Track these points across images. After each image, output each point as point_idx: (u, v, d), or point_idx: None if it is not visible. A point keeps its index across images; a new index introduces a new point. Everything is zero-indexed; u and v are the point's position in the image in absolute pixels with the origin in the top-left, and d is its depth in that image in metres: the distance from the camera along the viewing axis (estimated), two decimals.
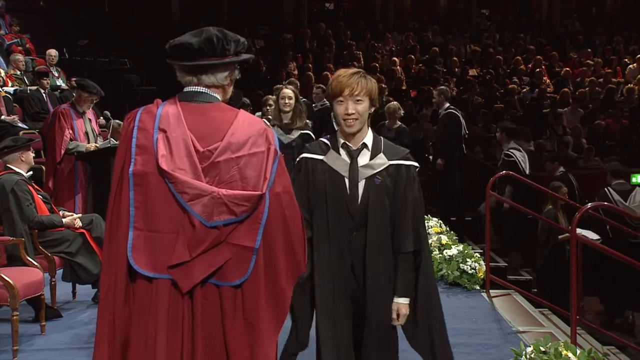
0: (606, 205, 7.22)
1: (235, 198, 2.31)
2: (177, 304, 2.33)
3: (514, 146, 8.78)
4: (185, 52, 2.42)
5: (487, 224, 6.36)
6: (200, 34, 2.43)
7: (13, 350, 4.43)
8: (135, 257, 2.32)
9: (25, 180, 5.32)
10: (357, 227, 2.90)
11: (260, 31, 17.37)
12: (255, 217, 2.34)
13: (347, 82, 2.84)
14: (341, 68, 3.24)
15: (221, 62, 2.45)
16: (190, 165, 2.33)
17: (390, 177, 2.91)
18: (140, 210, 2.33)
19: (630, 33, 18.62)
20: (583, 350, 4.17)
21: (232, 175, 2.34)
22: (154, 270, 2.32)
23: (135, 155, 2.36)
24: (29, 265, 4.91)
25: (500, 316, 5.54)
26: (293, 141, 6.05)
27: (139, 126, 2.39)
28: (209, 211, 2.29)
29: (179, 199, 2.31)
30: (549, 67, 16.35)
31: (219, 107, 2.46)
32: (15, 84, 10.00)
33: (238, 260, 2.32)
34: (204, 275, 2.30)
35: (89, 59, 13.14)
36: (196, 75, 2.46)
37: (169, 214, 2.32)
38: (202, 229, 2.29)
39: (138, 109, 2.48)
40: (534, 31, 19.10)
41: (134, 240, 2.32)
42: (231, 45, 2.46)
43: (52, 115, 7.27)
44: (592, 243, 5.57)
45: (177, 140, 2.35)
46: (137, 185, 2.34)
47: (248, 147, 2.37)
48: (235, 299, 2.34)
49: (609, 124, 12.78)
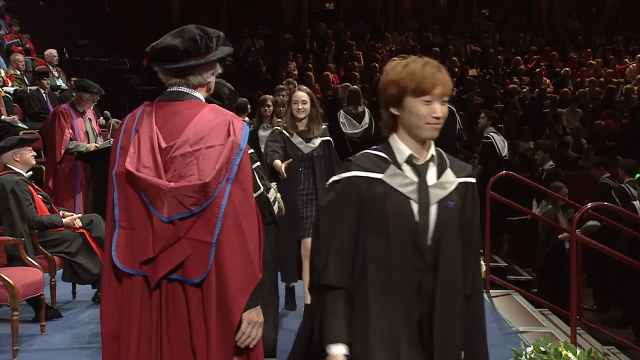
0: (606, 205, 7.21)
1: (184, 190, 2.31)
2: (150, 300, 2.37)
3: (493, 130, 9.20)
4: (171, 54, 2.41)
5: (487, 224, 6.35)
6: (182, 34, 2.42)
7: (13, 350, 4.43)
8: (118, 254, 2.38)
9: (25, 180, 5.32)
10: (429, 267, 2.16)
11: (260, 31, 17.36)
12: (212, 211, 2.31)
13: (439, 78, 2.16)
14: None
15: (207, 61, 2.45)
16: (154, 162, 2.36)
17: (461, 199, 2.24)
18: (122, 209, 2.39)
19: (630, 33, 18.61)
20: (583, 350, 4.18)
21: (190, 169, 2.33)
22: (132, 267, 2.37)
23: (118, 157, 2.42)
24: (29, 265, 4.91)
25: (500, 316, 5.54)
26: (314, 150, 5.15)
27: (124, 129, 2.46)
28: (165, 206, 2.32)
29: (143, 197, 2.35)
30: (549, 67, 16.35)
31: (191, 104, 2.44)
32: (15, 84, 9.99)
33: (198, 256, 2.32)
34: (166, 270, 2.33)
35: (89, 59, 13.14)
36: (184, 77, 2.45)
37: (140, 211, 2.37)
38: (160, 224, 2.32)
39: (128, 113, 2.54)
40: (534, 31, 19.09)
41: (117, 239, 2.38)
42: (213, 41, 2.47)
43: (52, 115, 7.28)
44: (592, 243, 5.56)
45: (145, 139, 2.39)
46: (119, 186, 2.40)
47: (206, 139, 2.35)
48: (199, 297, 2.34)
49: (609, 124, 12.78)
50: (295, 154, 5.08)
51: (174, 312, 2.36)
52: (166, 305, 2.36)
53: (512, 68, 16.24)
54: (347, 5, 20.39)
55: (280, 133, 5.19)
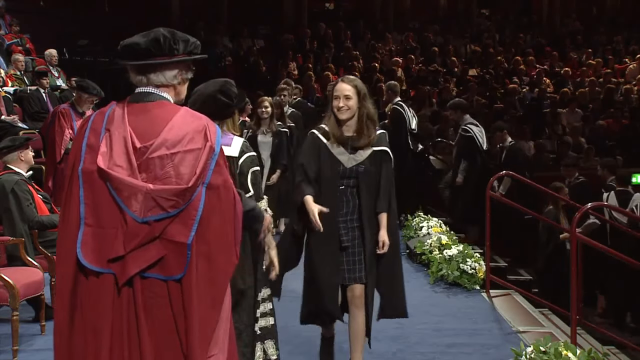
0: (606, 205, 7.23)
1: (164, 193, 2.35)
2: (121, 298, 2.38)
3: (470, 121, 8.75)
4: (134, 52, 2.48)
5: (487, 224, 6.35)
6: (148, 34, 2.50)
7: (13, 350, 4.44)
8: (84, 251, 2.38)
9: (25, 180, 5.32)
10: None
11: (260, 31, 17.37)
12: (188, 213, 2.37)
13: None
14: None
15: (169, 61, 2.49)
16: (127, 162, 2.38)
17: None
18: (89, 207, 2.39)
19: (630, 33, 18.62)
20: (583, 350, 4.18)
21: (166, 172, 2.38)
22: (99, 265, 2.38)
23: (84, 154, 2.43)
24: (29, 265, 4.91)
25: (500, 316, 5.55)
26: (360, 164, 3.97)
27: (91, 127, 2.47)
28: (141, 207, 2.34)
29: (114, 196, 2.36)
30: (549, 67, 16.36)
31: (162, 104, 2.49)
32: (15, 84, 10.00)
33: (174, 255, 2.37)
34: (139, 269, 2.35)
35: (89, 59, 13.15)
36: (145, 75, 2.50)
37: (110, 210, 2.37)
38: (134, 224, 2.34)
39: (94, 111, 2.56)
40: (534, 31, 19.09)
41: (83, 236, 2.39)
42: (179, 44, 2.51)
43: (51, 115, 7.28)
44: (592, 243, 5.55)
45: (118, 138, 2.41)
46: (85, 183, 2.40)
47: (184, 143, 2.40)
48: (180, 292, 2.39)
49: (609, 124, 12.78)
50: (333, 169, 3.92)
51: (154, 309, 2.38)
52: (143, 303, 2.37)
53: (512, 68, 16.24)
54: (347, 5, 20.39)
55: (315, 138, 3.99)
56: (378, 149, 3.96)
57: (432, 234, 7.37)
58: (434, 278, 6.42)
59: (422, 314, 5.44)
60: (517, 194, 8.15)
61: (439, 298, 6.05)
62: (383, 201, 3.95)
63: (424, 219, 8.05)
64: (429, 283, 6.42)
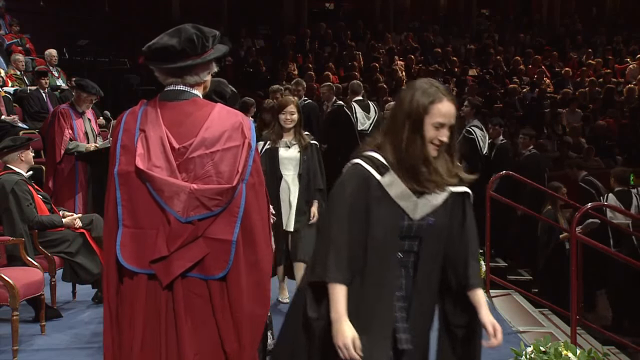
0: (606, 205, 7.23)
1: (207, 192, 2.36)
2: (156, 297, 2.39)
3: (476, 124, 8.77)
4: (168, 54, 2.44)
5: (487, 223, 6.34)
6: (178, 33, 2.44)
7: (13, 350, 4.43)
8: (123, 253, 2.39)
9: (25, 180, 5.32)
10: None
11: (260, 31, 17.36)
12: (231, 211, 2.39)
13: None
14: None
15: (203, 61, 2.48)
16: (166, 162, 2.38)
17: None
18: (126, 208, 2.40)
19: (630, 33, 18.61)
20: (583, 350, 4.17)
21: (207, 171, 2.39)
22: (138, 266, 2.39)
23: (119, 156, 2.43)
24: (29, 265, 4.90)
25: (500, 316, 5.54)
26: (431, 215, 2.53)
27: (124, 127, 2.47)
28: (184, 207, 2.35)
29: (155, 197, 2.36)
30: (549, 67, 16.35)
31: (195, 103, 2.49)
32: (15, 84, 10.00)
33: (217, 253, 2.38)
34: (183, 269, 2.36)
35: (89, 59, 13.14)
36: (181, 77, 2.48)
37: (150, 210, 2.38)
38: (177, 224, 2.35)
39: (125, 111, 2.53)
40: (534, 31, 19.09)
41: (122, 237, 2.40)
42: (209, 40, 2.49)
43: (51, 115, 7.27)
44: (592, 243, 5.55)
45: (154, 139, 2.40)
46: (122, 185, 2.41)
47: (222, 141, 2.41)
48: (222, 291, 2.40)
49: (609, 124, 12.79)
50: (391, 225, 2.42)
51: (192, 305, 2.38)
52: (184, 302, 2.38)
53: (512, 68, 16.24)
54: (347, 5, 20.38)
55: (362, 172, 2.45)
56: (458, 190, 2.53)
57: None
58: None
59: None
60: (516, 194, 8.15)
61: None
62: None
63: None
64: None
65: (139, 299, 2.39)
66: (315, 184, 5.45)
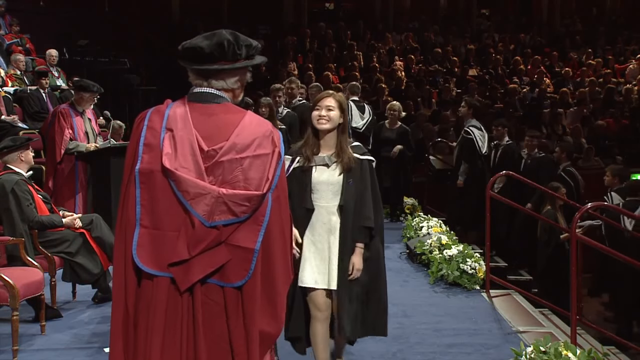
0: (606, 206, 7.22)
1: (236, 198, 2.30)
2: (176, 302, 2.33)
3: (474, 124, 8.73)
4: (196, 55, 2.42)
5: (487, 224, 6.35)
6: (212, 37, 2.42)
7: (13, 350, 4.43)
8: (140, 254, 2.33)
9: (25, 180, 5.31)
10: None
11: (260, 31, 17.34)
12: (256, 219, 2.34)
13: None
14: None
15: (231, 67, 2.44)
16: (194, 164, 2.33)
17: None
18: (145, 208, 2.34)
19: (631, 33, 18.62)
20: (583, 350, 4.17)
21: (235, 176, 2.34)
22: (156, 268, 2.33)
23: (142, 154, 2.37)
24: (29, 265, 4.90)
25: (500, 316, 5.54)
26: None
27: (148, 125, 2.41)
28: (210, 210, 2.29)
29: (180, 198, 2.31)
30: (549, 67, 16.35)
31: (226, 107, 2.45)
32: (15, 84, 10.00)
33: (238, 261, 2.32)
34: (203, 274, 2.30)
35: (89, 59, 13.13)
36: (207, 79, 2.46)
37: (172, 212, 2.32)
38: (201, 228, 2.29)
39: (149, 109, 2.49)
40: (534, 31, 19.10)
41: (139, 238, 2.34)
42: (242, 49, 2.46)
43: (51, 115, 7.28)
44: (592, 243, 5.55)
45: (183, 140, 2.35)
46: (142, 183, 2.35)
47: (253, 148, 2.36)
48: (237, 301, 2.35)
49: (609, 124, 12.79)
50: None
51: (209, 313, 2.34)
52: (202, 309, 2.33)
53: (512, 68, 16.24)
54: (347, 5, 20.38)
55: None
56: None
57: (432, 234, 7.37)
58: (434, 278, 6.42)
59: (422, 314, 5.45)
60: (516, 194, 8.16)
61: (439, 298, 6.05)
62: None
63: (424, 219, 8.05)
64: (429, 283, 6.42)
65: (158, 304, 2.32)
66: (362, 219, 3.65)
